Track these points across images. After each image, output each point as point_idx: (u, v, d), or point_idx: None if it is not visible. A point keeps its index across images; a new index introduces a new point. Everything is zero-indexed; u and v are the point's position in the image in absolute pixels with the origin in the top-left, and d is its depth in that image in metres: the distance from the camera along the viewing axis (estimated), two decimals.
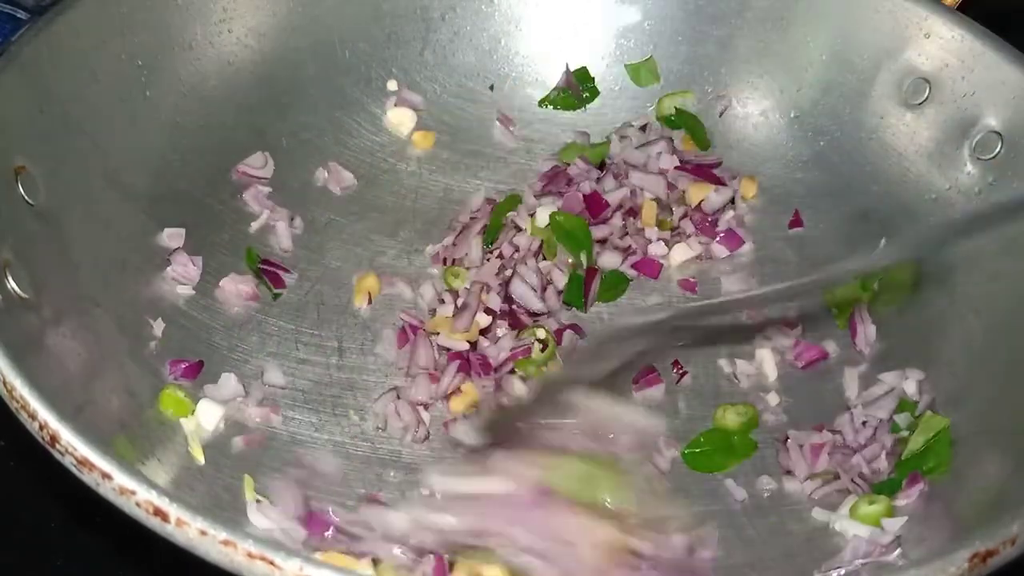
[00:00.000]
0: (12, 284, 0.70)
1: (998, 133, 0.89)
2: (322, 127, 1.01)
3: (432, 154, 1.03)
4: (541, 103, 1.06)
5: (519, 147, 1.04)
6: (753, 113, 1.04)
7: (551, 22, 1.06)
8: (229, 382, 0.81)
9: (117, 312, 0.80)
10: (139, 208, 0.88)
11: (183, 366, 0.81)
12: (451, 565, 0.68)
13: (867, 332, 0.88)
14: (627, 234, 0.95)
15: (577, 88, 1.06)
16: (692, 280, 0.94)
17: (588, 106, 1.06)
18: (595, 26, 1.06)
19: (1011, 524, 0.60)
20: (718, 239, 0.96)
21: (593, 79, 1.06)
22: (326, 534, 0.71)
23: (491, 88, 1.06)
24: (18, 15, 1.09)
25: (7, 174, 0.75)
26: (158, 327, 0.83)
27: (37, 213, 0.77)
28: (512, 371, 0.85)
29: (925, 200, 0.94)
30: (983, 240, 0.74)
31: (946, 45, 0.93)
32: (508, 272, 0.90)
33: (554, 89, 1.06)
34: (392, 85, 1.05)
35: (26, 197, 0.76)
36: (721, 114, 1.04)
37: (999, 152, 0.89)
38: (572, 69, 1.05)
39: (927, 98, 0.95)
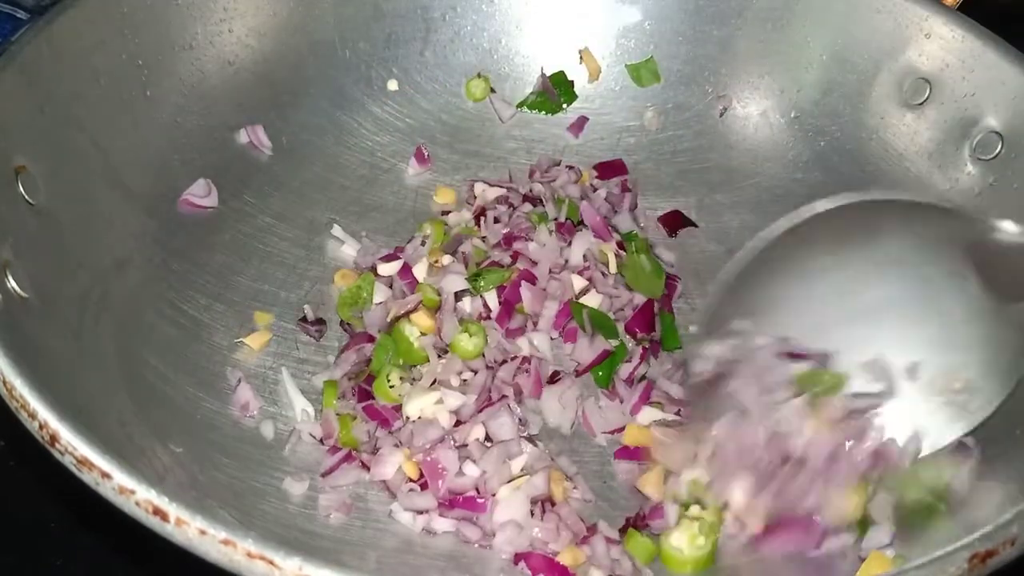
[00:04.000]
0: (12, 284, 0.70)
1: (998, 133, 0.89)
2: (322, 127, 1.01)
3: (432, 153, 1.03)
4: (518, 106, 1.06)
5: (519, 147, 1.05)
6: (753, 113, 1.04)
7: (551, 22, 1.06)
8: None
9: (117, 312, 0.80)
10: (139, 208, 0.88)
11: None
12: None
13: None
14: None
15: (553, 92, 1.05)
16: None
17: (590, 107, 1.06)
18: (595, 26, 1.06)
19: (1011, 524, 0.60)
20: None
21: (572, 83, 1.06)
22: None
23: (491, 90, 1.06)
24: (18, 15, 1.09)
25: (7, 173, 0.75)
26: (159, 327, 0.83)
27: (37, 212, 0.76)
28: None
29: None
30: None
31: (946, 45, 0.93)
32: None
33: (531, 92, 1.06)
34: (393, 85, 1.05)
35: (26, 196, 0.76)
36: (722, 114, 1.04)
37: (999, 152, 0.89)
38: (549, 73, 1.06)
39: (927, 98, 0.95)
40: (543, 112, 1.06)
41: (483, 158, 1.03)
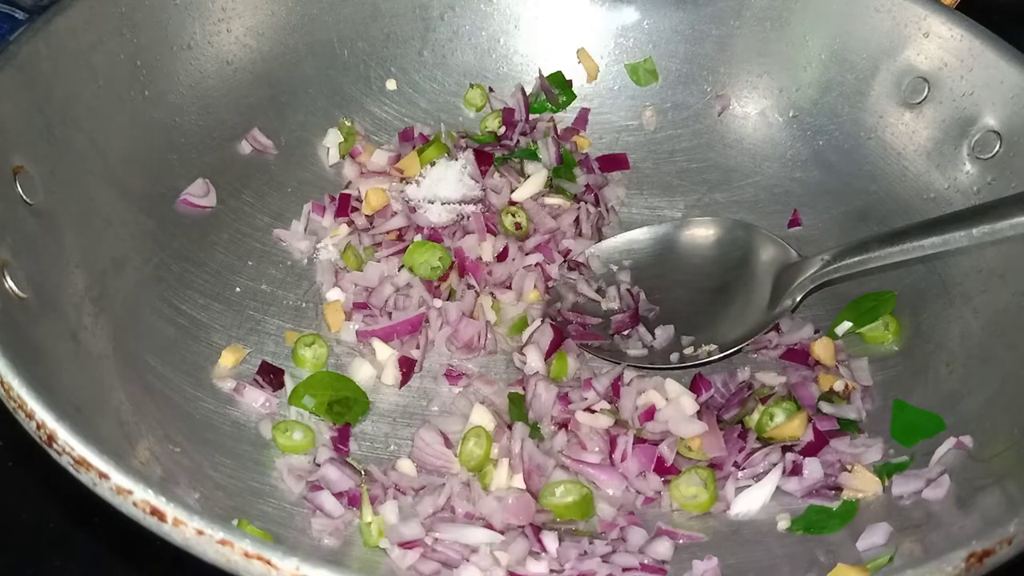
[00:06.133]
0: (10, 284, 0.70)
1: (997, 132, 0.89)
2: (321, 126, 1.01)
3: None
4: None
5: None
6: (752, 112, 1.04)
7: (550, 21, 1.06)
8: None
9: (115, 311, 0.80)
10: (138, 208, 0.88)
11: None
12: None
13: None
14: None
15: (551, 92, 1.05)
16: None
17: (590, 106, 1.06)
18: (594, 25, 1.06)
19: (1008, 524, 0.60)
20: None
21: (569, 83, 1.06)
22: None
23: (490, 89, 1.06)
24: (16, 15, 1.09)
25: (5, 173, 0.75)
26: (157, 326, 0.83)
27: (35, 212, 0.77)
28: None
29: (924, 199, 0.94)
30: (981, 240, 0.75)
31: (945, 44, 0.93)
32: None
33: (531, 93, 1.06)
34: (391, 84, 1.05)
35: (24, 196, 0.76)
36: (720, 113, 1.04)
37: (998, 151, 0.89)
38: (547, 74, 1.05)
39: (926, 97, 0.94)
40: (541, 112, 1.06)
41: None
